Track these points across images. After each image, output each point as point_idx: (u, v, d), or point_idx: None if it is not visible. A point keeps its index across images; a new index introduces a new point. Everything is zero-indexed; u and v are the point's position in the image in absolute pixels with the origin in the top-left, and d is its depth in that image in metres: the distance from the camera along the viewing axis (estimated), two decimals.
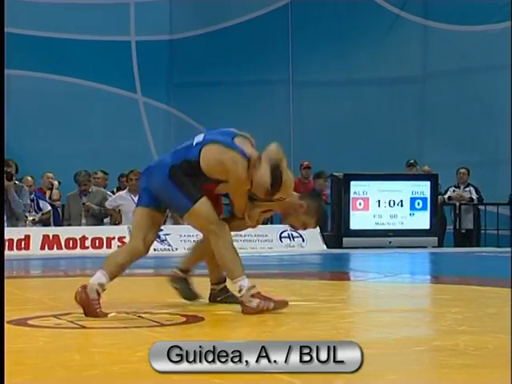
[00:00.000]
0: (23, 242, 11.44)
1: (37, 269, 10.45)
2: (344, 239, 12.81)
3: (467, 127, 15.68)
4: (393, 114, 16.22)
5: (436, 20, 16.04)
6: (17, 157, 11.98)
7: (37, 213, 12.34)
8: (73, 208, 12.42)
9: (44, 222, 12.44)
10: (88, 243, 11.68)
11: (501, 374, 3.16)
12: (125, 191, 12.37)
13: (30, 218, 12.03)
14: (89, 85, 16.65)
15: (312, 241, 12.45)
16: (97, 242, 11.71)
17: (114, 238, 11.72)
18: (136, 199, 12.38)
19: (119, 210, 12.23)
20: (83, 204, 12.24)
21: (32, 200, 12.18)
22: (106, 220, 12.54)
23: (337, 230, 13.00)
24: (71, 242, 11.67)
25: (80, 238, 11.69)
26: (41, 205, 12.49)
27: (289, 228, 13.04)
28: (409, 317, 4.79)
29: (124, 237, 11.72)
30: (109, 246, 11.63)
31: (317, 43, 16.44)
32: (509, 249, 12.46)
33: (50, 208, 12.64)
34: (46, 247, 11.54)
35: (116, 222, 12.31)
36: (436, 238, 12.87)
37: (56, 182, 13.23)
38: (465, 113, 15.70)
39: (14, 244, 11.38)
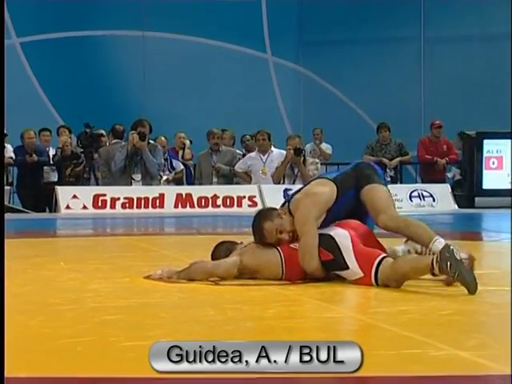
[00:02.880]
0: (158, 201, 11.72)
1: (171, 226, 10.73)
2: (476, 199, 12.58)
3: None
4: None
5: None
6: (151, 117, 12.23)
7: (170, 172, 12.60)
8: (204, 167, 12.57)
9: (177, 181, 12.70)
10: (219, 202, 11.86)
11: None
12: (254, 152, 12.43)
13: (164, 178, 12.30)
14: (219, 45, 16.82)
15: (443, 200, 12.25)
16: (228, 200, 11.88)
17: (244, 198, 11.86)
18: (265, 158, 12.46)
19: (249, 172, 12.28)
20: (213, 167, 12.36)
21: (165, 160, 12.43)
22: (236, 179, 12.65)
23: (469, 189, 12.79)
24: (203, 200, 11.87)
25: (212, 197, 11.89)
26: (174, 164, 12.74)
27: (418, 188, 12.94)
28: None
29: (254, 196, 11.84)
30: (239, 205, 11.77)
31: None
32: None
33: (182, 167, 12.88)
34: (180, 205, 11.80)
35: (245, 182, 12.39)
36: None
37: (188, 142, 13.41)
38: None
39: (149, 202, 11.69)
